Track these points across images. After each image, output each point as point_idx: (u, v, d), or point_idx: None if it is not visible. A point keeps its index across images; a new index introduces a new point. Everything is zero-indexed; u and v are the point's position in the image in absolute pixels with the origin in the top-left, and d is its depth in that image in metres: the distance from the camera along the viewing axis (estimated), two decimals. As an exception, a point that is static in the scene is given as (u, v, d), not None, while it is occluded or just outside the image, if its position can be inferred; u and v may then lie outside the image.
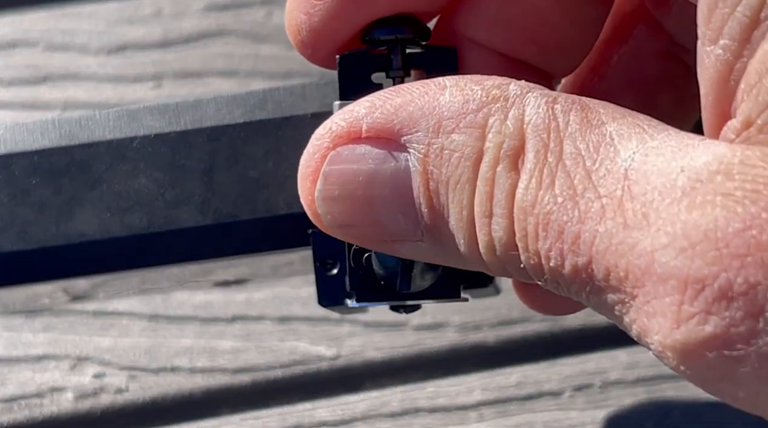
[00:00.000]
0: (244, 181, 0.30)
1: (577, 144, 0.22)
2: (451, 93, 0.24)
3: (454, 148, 0.24)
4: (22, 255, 0.30)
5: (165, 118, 0.31)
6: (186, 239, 0.30)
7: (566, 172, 0.22)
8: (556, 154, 0.23)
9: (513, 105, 0.24)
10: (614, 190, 0.22)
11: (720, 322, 0.20)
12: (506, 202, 0.23)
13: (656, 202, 0.21)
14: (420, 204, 0.25)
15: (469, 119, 0.24)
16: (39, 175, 0.30)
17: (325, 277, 0.29)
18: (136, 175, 0.30)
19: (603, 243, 0.22)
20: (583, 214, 0.22)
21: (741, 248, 0.20)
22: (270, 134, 0.30)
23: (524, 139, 0.23)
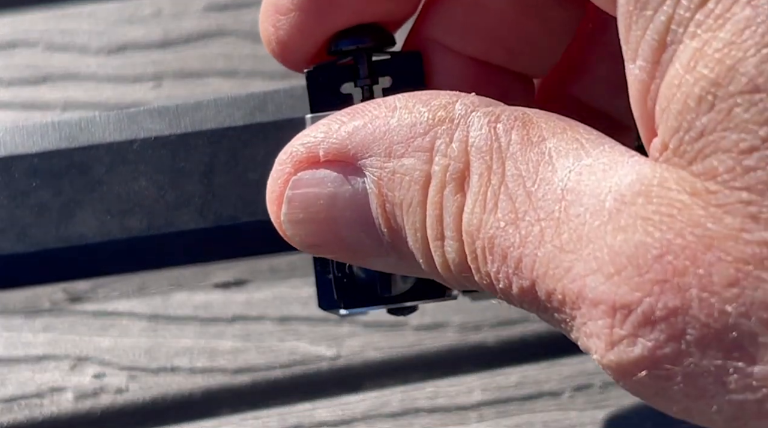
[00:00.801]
0: (244, 184, 0.30)
1: (518, 164, 0.23)
2: (400, 115, 0.25)
3: (404, 171, 0.24)
4: (21, 257, 0.30)
5: (165, 120, 0.31)
6: (186, 241, 0.30)
7: (508, 195, 0.23)
8: (499, 175, 0.23)
9: (458, 126, 0.24)
10: (552, 212, 0.22)
11: (647, 344, 0.21)
12: (455, 225, 0.24)
13: (587, 224, 0.22)
14: (379, 224, 0.25)
15: (417, 143, 0.24)
16: (39, 177, 0.30)
17: (325, 280, 0.29)
18: (136, 178, 0.30)
19: (542, 267, 0.22)
20: (523, 238, 0.22)
21: (659, 274, 0.21)
22: (270, 136, 0.30)
23: (469, 162, 0.24)
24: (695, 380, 0.21)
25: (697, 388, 0.21)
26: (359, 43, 0.28)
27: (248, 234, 0.30)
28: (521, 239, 0.22)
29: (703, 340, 0.20)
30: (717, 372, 0.21)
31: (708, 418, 0.21)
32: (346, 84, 0.29)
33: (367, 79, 0.29)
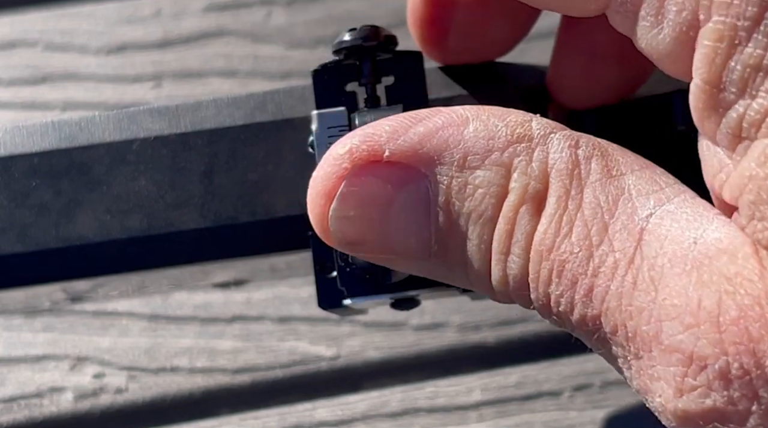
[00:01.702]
0: (244, 184, 0.30)
1: (597, 194, 0.24)
2: (475, 127, 0.25)
3: (479, 183, 0.25)
4: (21, 257, 0.30)
5: (165, 120, 0.31)
6: (186, 241, 0.30)
7: (584, 222, 0.23)
8: (577, 201, 0.24)
9: (537, 146, 0.25)
10: (627, 248, 0.23)
11: (720, 399, 0.22)
12: (525, 242, 0.24)
13: (666, 269, 0.22)
14: (436, 230, 0.26)
15: (495, 157, 0.25)
16: (39, 177, 0.30)
17: (325, 280, 0.29)
18: (135, 178, 0.30)
19: (613, 300, 0.23)
20: (596, 268, 0.23)
21: (737, 336, 0.21)
22: (270, 136, 0.30)
23: (548, 183, 0.24)
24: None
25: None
26: (364, 41, 0.28)
27: (248, 234, 0.30)
28: (594, 269, 0.23)
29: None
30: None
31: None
32: (351, 83, 0.29)
33: (370, 78, 0.29)
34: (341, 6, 0.49)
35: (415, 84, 0.29)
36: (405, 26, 0.48)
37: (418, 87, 0.29)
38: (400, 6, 0.49)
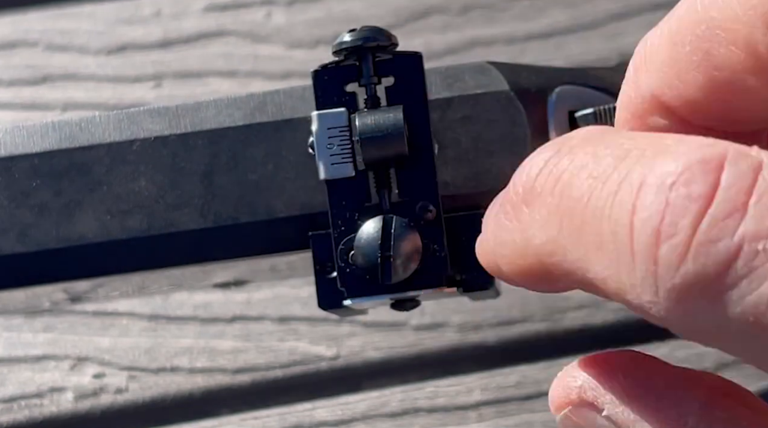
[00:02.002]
0: (244, 184, 0.30)
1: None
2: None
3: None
4: (22, 257, 0.30)
5: (165, 120, 0.31)
6: (186, 242, 0.30)
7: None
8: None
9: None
10: None
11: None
12: None
13: None
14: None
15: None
16: (39, 178, 0.30)
17: (325, 280, 0.29)
18: (136, 178, 0.30)
19: None
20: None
21: None
22: (270, 137, 0.30)
23: None
24: None
25: None
26: (365, 41, 0.28)
27: (248, 234, 0.30)
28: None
29: None
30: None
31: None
32: (351, 83, 0.29)
33: (371, 79, 0.29)
34: (341, 6, 0.49)
35: (415, 85, 0.29)
36: (405, 26, 0.48)
37: (417, 88, 0.29)
38: (400, 6, 0.49)
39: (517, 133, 0.30)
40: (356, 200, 0.29)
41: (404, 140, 0.28)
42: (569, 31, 0.49)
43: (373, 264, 0.28)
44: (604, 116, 0.30)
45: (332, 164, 0.29)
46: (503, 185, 0.30)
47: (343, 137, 0.29)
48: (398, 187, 0.29)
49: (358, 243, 0.28)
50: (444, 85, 0.30)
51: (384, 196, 0.29)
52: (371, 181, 0.29)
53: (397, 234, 0.28)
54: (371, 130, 0.28)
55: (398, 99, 0.29)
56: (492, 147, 0.30)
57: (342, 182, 0.29)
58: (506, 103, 0.30)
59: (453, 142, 0.30)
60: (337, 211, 0.29)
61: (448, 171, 0.30)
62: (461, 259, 0.29)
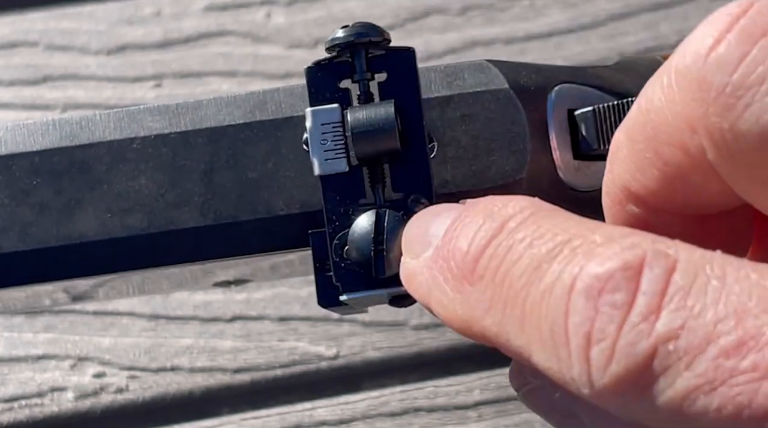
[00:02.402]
0: (244, 182, 0.30)
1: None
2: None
3: None
4: (22, 255, 0.30)
5: (165, 118, 0.31)
6: (186, 240, 0.30)
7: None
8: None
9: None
10: None
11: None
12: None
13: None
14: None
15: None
16: (40, 176, 0.31)
17: (325, 278, 0.29)
18: (136, 176, 0.30)
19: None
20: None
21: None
22: (270, 135, 0.30)
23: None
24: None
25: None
26: (357, 38, 0.28)
27: (248, 232, 0.30)
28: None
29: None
30: None
31: None
32: (344, 79, 0.29)
33: (364, 74, 0.29)
34: (341, 6, 0.49)
35: (408, 80, 0.29)
36: (405, 27, 0.48)
37: (410, 83, 0.29)
38: (399, 6, 0.49)
39: (516, 131, 0.30)
40: (350, 195, 0.29)
41: (395, 135, 0.28)
42: (569, 31, 0.49)
43: (367, 257, 0.28)
44: (603, 114, 0.31)
45: (326, 160, 0.29)
46: (502, 183, 0.30)
47: (337, 133, 0.29)
48: (392, 181, 0.29)
49: (352, 238, 0.28)
50: (443, 83, 0.30)
51: (378, 190, 0.29)
52: (365, 176, 0.29)
53: (390, 227, 0.28)
54: (363, 124, 0.28)
55: (391, 94, 0.29)
56: (491, 145, 0.30)
57: (336, 177, 0.29)
58: (505, 101, 0.30)
59: (452, 140, 0.30)
60: (331, 206, 0.29)
61: (448, 169, 0.30)
62: None
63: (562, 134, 0.31)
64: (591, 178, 0.31)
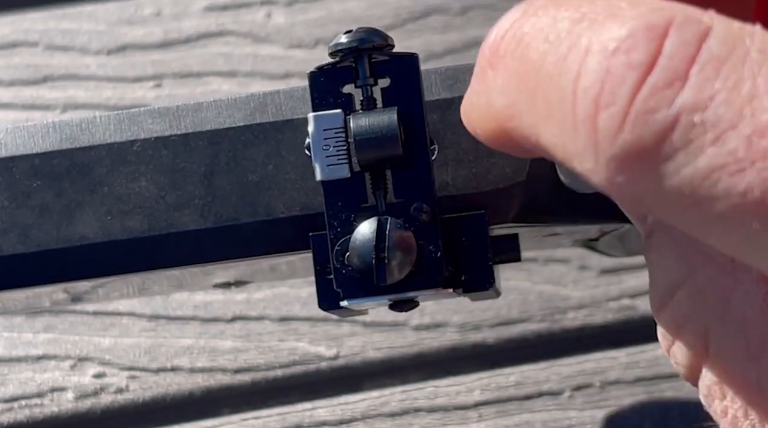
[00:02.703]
0: (245, 185, 0.30)
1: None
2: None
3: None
4: (22, 258, 0.30)
5: (165, 121, 0.31)
6: (186, 242, 0.30)
7: None
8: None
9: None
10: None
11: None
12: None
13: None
14: None
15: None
16: (40, 178, 0.31)
17: (325, 281, 0.29)
18: (136, 178, 0.30)
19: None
20: None
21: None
22: (270, 137, 0.30)
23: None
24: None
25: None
26: (360, 43, 0.28)
27: (248, 235, 0.30)
28: None
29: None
30: None
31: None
32: (347, 85, 0.29)
33: (367, 80, 0.29)
34: (341, 6, 0.49)
35: (411, 86, 0.29)
36: (405, 27, 0.48)
37: (413, 89, 0.29)
38: (399, 6, 0.49)
39: None
40: (352, 201, 0.29)
41: (398, 142, 0.28)
42: (569, 31, 0.49)
43: (368, 265, 0.28)
44: None
45: (328, 165, 0.29)
46: (503, 185, 0.30)
47: (339, 138, 0.29)
48: (394, 188, 0.29)
49: (354, 245, 0.28)
50: (444, 86, 0.30)
51: (380, 197, 0.29)
52: (367, 182, 0.29)
53: (392, 235, 0.28)
54: (365, 131, 0.28)
55: (394, 100, 0.29)
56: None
57: (338, 183, 0.29)
58: None
59: (453, 143, 0.30)
60: (332, 212, 0.29)
61: (449, 172, 0.30)
62: (461, 260, 0.29)
63: None
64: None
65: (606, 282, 0.44)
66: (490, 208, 0.30)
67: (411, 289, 0.29)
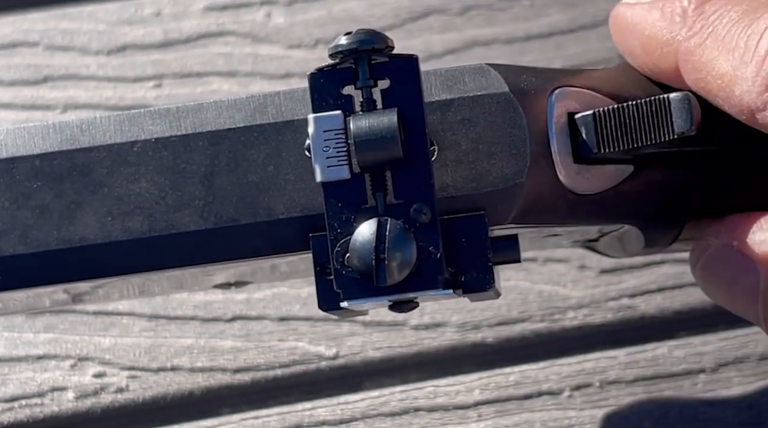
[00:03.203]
0: (245, 186, 0.30)
1: None
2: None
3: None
4: (23, 258, 0.31)
5: (166, 122, 0.31)
6: (187, 243, 0.30)
7: None
8: None
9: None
10: None
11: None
12: None
13: None
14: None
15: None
16: (40, 179, 0.31)
17: (325, 281, 0.30)
18: (137, 179, 0.30)
19: None
20: None
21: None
22: (270, 138, 0.30)
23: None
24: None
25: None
26: (360, 45, 0.28)
27: (249, 236, 0.30)
28: None
29: None
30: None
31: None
32: (347, 86, 0.29)
33: (367, 81, 0.29)
34: (341, 6, 0.49)
35: (411, 87, 0.29)
36: (404, 27, 0.48)
37: (413, 90, 0.29)
38: (399, 6, 0.49)
39: (516, 135, 0.30)
40: (352, 202, 0.29)
41: (398, 143, 0.28)
42: (569, 31, 0.49)
43: (368, 266, 0.28)
44: (603, 118, 0.31)
45: (328, 167, 0.29)
46: (503, 186, 0.30)
47: (339, 140, 0.29)
48: (394, 189, 0.29)
49: (353, 246, 0.28)
50: (443, 87, 0.30)
51: (380, 198, 0.29)
52: (367, 184, 0.29)
53: (392, 236, 0.28)
54: (365, 133, 0.28)
55: (394, 101, 0.29)
56: (491, 148, 0.30)
57: (338, 184, 0.29)
58: (506, 104, 0.30)
59: (453, 144, 0.30)
60: (332, 213, 0.29)
61: (448, 173, 0.30)
62: (462, 261, 0.29)
63: (562, 138, 0.31)
64: (591, 182, 0.31)
65: (605, 282, 0.44)
66: (489, 209, 0.30)
67: (411, 290, 0.29)
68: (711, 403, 0.41)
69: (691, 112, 0.30)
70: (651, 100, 0.30)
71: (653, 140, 0.30)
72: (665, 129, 0.30)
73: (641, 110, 0.30)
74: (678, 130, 0.30)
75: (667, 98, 0.30)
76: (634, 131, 0.30)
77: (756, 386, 0.41)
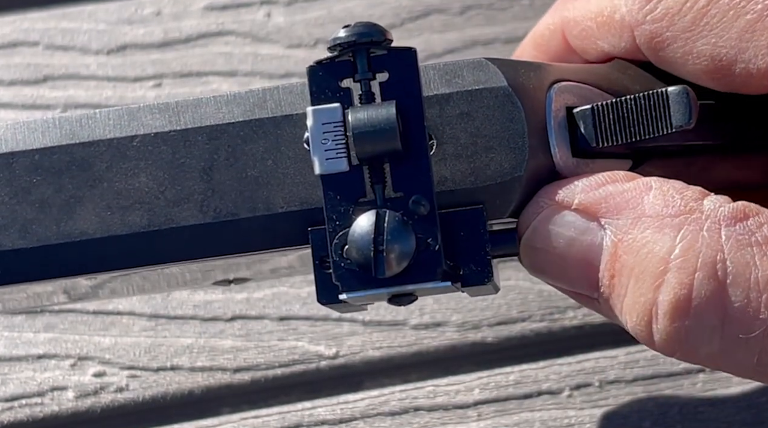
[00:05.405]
0: (244, 180, 0.30)
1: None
2: (654, 195, 0.29)
3: (646, 243, 0.28)
4: (22, 253, 0.31)
5: (165, 116, 0.31)
6: (186, 237, 0.30)
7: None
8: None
9: (708, 218, 0.28)
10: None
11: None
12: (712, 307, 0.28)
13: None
14: (602, 277, 0.29)
15: (666, 222, 0.28)
16: (40, 174, 0.31)
17: (324, 275, 0.30)
18: (136, 174, 0.31)
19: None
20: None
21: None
22: (269, 133, 0.30)
23: (721, 250, 0.28)
24: None
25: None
26: (359, 38, 0.29)
27: (248, 230, 0.30)
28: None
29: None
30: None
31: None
32: (346, 79, 0.29)
33: (365, 74, 0.29)
34: (341, 6, 0.50)
35: (409, 80, 0.29)
36: (404, 26, 0.49)
37: (412, 83, 0.29)
38: (399, 6, 0.49)
39: (515, 129, 0.30)
40: (351, 195, 0.29)
41: (397, 135, 0.28)
42: (568, 31, 0.49)
43: (367, 258, 0.28)
44: (602, 112, 0.31)
45: (327, 159, 0.29)
46: (501, 180, 0.30)
47: (338, 132, 0.29)
48: (392, 181, 0.29)
49: (352, 238, 0.28)
50: (442, 81, 0.30)
51: (378, 190, 0.29)
52: (366, 176, 0.29)
53: (390, 228, 0.28)
54: (364, 125, 0.28)
55: (392, 94, 0.29)
56: (490, 142, 0.30)
57: (336, 177, 0.29)
58: (504, 99, 0.30)
59: (451, 138, 0.30)
60: (331, 205, 0.29)
61: (447, 166, 0.30)
62: (460, 254, 0.29)
63: (560, 132, 0.31)
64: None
65: (605, 281, 0.44)
66: (488, 202, 0.30)
67: (409, 282, 0.29)
68: (710, 402, 0.41)
69: (689, 105, 0.30)
70: (649, 94, 0.30)
71: (651, 134, 0.30)
72: (663, 122, 0.30)
73: (639, 104, 0.30)
74: (676, 123, 0.30)
75: (666, 92, 0.30)
76: (633, 125, 0.30)
77: (755, 385, 0.41)
